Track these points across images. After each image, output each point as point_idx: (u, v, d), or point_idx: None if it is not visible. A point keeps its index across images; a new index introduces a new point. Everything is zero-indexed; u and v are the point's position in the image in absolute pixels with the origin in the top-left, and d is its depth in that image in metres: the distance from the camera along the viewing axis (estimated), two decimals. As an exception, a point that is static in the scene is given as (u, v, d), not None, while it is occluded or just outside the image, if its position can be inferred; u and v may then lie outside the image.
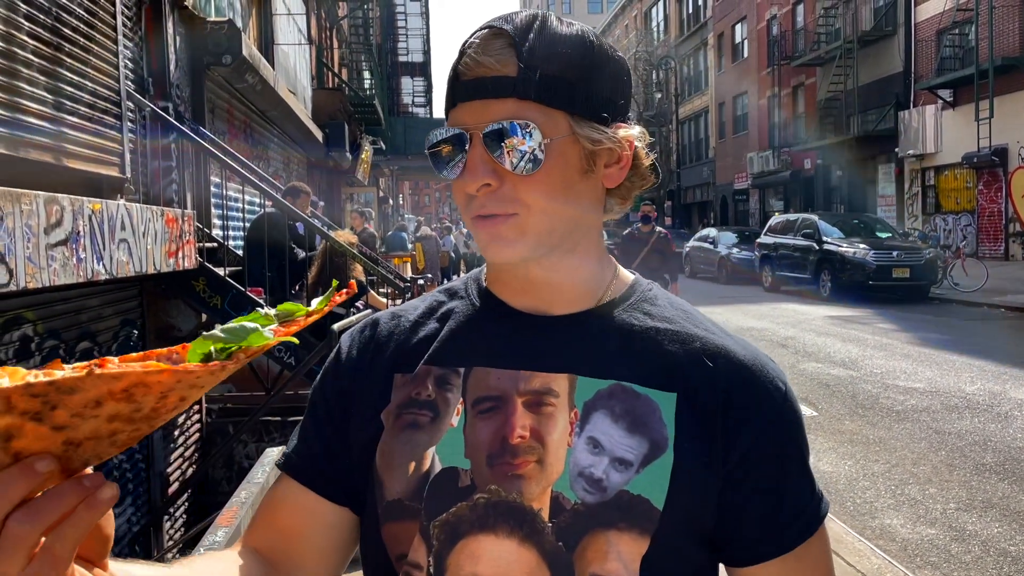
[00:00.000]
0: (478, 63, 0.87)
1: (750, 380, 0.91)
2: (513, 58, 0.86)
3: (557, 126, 0.87)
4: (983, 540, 4.83)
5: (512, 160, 0.86)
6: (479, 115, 0.87)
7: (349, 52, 22.76)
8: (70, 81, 4.77)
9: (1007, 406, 7.73)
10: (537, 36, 0.87)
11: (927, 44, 24.21)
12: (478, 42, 0.88)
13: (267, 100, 10.20)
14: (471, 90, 0.87)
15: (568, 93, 0.87)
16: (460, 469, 0.91)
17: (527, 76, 0.85)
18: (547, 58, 0.86)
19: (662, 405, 0.90)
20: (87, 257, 4.10)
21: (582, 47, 0.89)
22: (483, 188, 0.87)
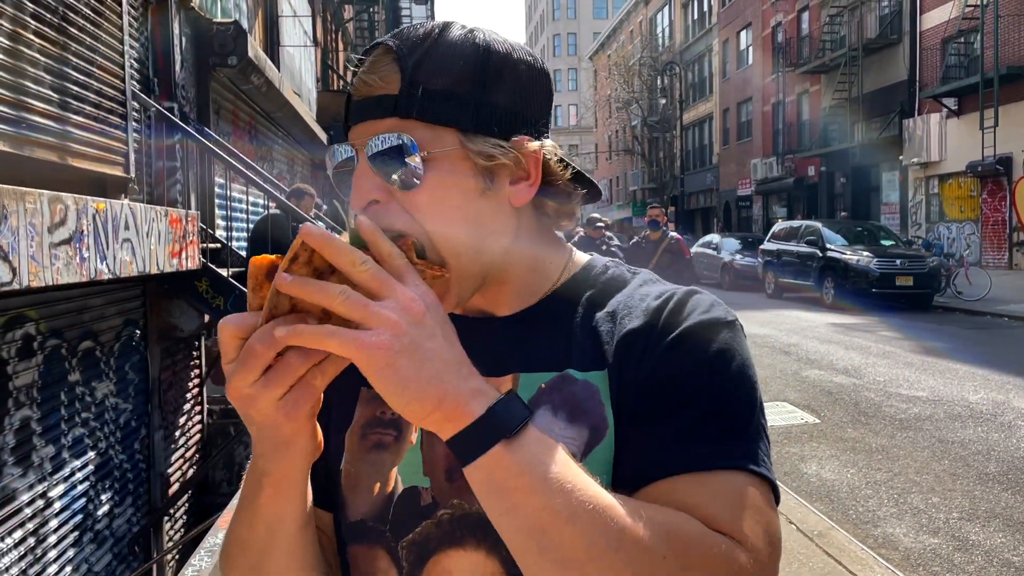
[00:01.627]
0: (364, 83, 0.84)
1: (666, 312, 0.85)
2: (396, 75, 0.83)
3: (442, 141, 0.82)
4: (986, 550, 4.80)
5: (395, 175, 0.81)
6: (363, 134, 0.84)
7: (354, 55, 22.78)
8: (75, 80, 4.78)
9: (1011, 415, 7.70)
10: (426, 50, 0.83)
11: (932, 52, 24.20)
12: (367, 61, 0.85)
13: (272, 101, 10.20)
14: (358, 111, 0.85)
15: (455, 108, 0.82)
16: (420, 488, 0.90)
17: (409, 93, 0.82)
18: (433, 72, 0.82)
19: (599, 385, 0.85)
20: (90, 256, 4.09)
21: (477, 58, 0.84)
22: (371, 205, 0.82)
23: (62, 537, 4.76)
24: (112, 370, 5.56)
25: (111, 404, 5.55)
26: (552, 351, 0.87)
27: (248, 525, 0.87)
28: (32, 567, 4.41)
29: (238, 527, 0.89)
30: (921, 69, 24.70)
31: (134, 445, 5.95)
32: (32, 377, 4.52)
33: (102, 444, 5.38)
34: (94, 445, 5.25)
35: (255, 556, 0.89)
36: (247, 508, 0.86)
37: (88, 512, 5.13)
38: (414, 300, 0.69)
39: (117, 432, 5.63)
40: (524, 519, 0.70)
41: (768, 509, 0.77)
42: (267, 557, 0.88)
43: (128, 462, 5.83)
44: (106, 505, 5.41)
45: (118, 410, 5.66)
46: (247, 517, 0.87)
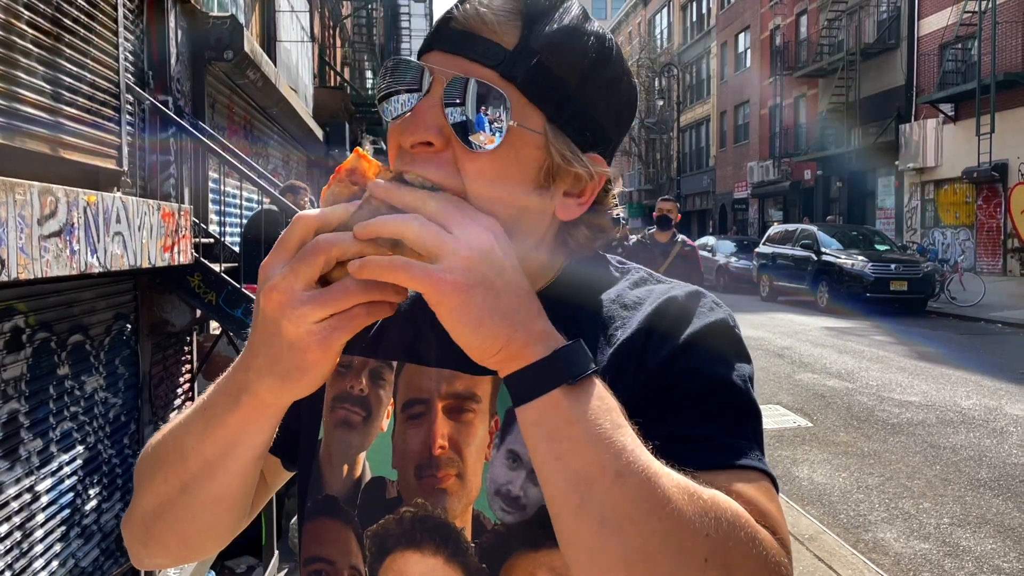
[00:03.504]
0: (478, 16, 0.76)
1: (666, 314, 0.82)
2: (517, 28, 0.76)
3: (530, 121, 0.76)
4: (977, 556, 4.80)
5: (467, 125, 0.73)
6: (450, 65, 0.76)
7: (352, 51, 22.75)
8: (69, 72, 4.74)
9: (1003, 422, 7.70)
10: (555, 19, 0.77)
11: (930, 58, 24.23)
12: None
13: (268, 97, 10.16)
14: (456, 41, 0.76)
15: (559, 96, 0.77)
16: (387, 480, 0.87)
17: (523, 56, 0.75)
18: (553, 47, 0.76)
19: None
20: (81, 249, 4.06)
21: (599, 55, 0.79)
22: (421, 146, 0.75)
23: (49, 532, 4.73)
24: (102, 364, 5.53)
25: (100, 398, 5.51)
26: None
27: (199, 436, 0.79)
28: (18, 561, 4.38)
29: (183, 435, 0.80)
30: (918, 74, 24.74)
31: (123, 440, 5.92)
32: (20, 370, 4.48)
33: (91, 439, 5.34)
34: (83, 439, 5.22)
35: (192, 471, 0.80)
36: (206, 419, 0.78)
37: (76, 507, 5.09)
38: (482, 231, 0.68)
39: (106, 427, 5.60)
40: (571, 469, 0.67)
41: (780, 505, 0.78)
42: (206, 478, 0.80)
43: (117, 457, 5.79)
44: (94, 500, 5.38)
45: (107, 405, 5.62)
46: (201, 427, 0.79)
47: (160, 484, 0.82)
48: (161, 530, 0.84)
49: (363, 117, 20.99)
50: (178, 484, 0.81)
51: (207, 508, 0.83)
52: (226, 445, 0.78)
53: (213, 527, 0.86)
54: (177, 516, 0.83)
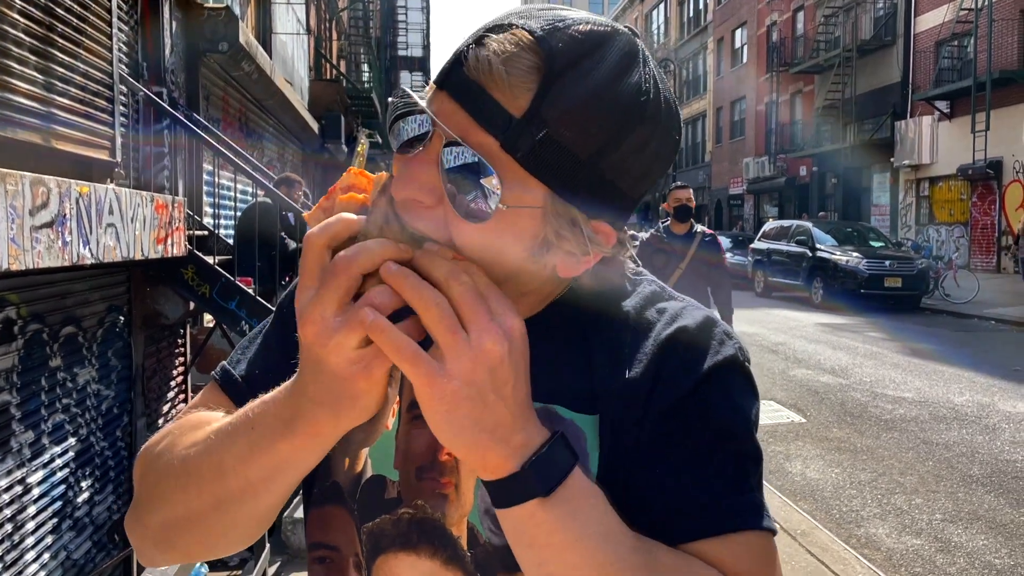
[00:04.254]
0: (489, 69, 0.68)
1: (677, 359, 0.79)
2: (530, 90, 0.68)
3: (527, 195, 0.70)
4: (968, 552, 4.81)
5: (455, 196, 0.69)
6: (454, 119, 0.70)
7: (348, 44, 22.68)
8: (62, 62, 4.71)
9: (995, 418, 7.72)
10: (579, 75, 0.68)
11: (926, 55, 24.25)
12: (507, 43, 0.69)
13: (263, 89, 10.13)
14: (463, 91, 0.70)
15: (566, 171, 0.70)
16: (388, 480, 0.86)
17: (529, 128, 0.68)
18: (568, 117, 0.68)
19: (587, 432, 0.79)
20: (73, 241, 4.04)
21: (627, 116, 0.71)
22: (413, 200, 0.71)
23: (40, 524, 4.71)
24: (94, 356, 5.51)
25: (93, 391, 5.49)
26: (541, 375, 0.76)
27: (243, 458, 0.74)
28: (9, 553, 4.36)
29: (223, 452, 0.76)
30: (914, 71, 24.77)
31: (116, 432, 5.90)
32: (12, 362, 4.47)
33: (83, 431, 5.33)
34: (75, 432, 5.20)
35: (231, 491, 0.76)
36: (252, 441, 0.74)
37: (67, 499, 5.08)
38: (498, 341, 0.65)
39: (99, 419, 5.58)
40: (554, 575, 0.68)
41: (778, 563, 0.79)
42: (248, 498, 0.76)
43: (109, 449, 5.78)
44: (86, 492, 5.36)
45: (100, 397, 5.61)
46: (246, 448, 0.74)
47: (192, 498, 0.79)
48: (186, 541, 0.82)
49: (359, 110, 20.95)
50: (213, 500, 0.77)
51: (241, 523, 0.80)
52: (273, 470, 0.75)
53: (242, 538, 0.84)
54: (208, 530, 0.80)
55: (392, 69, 34.89)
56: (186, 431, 0.83)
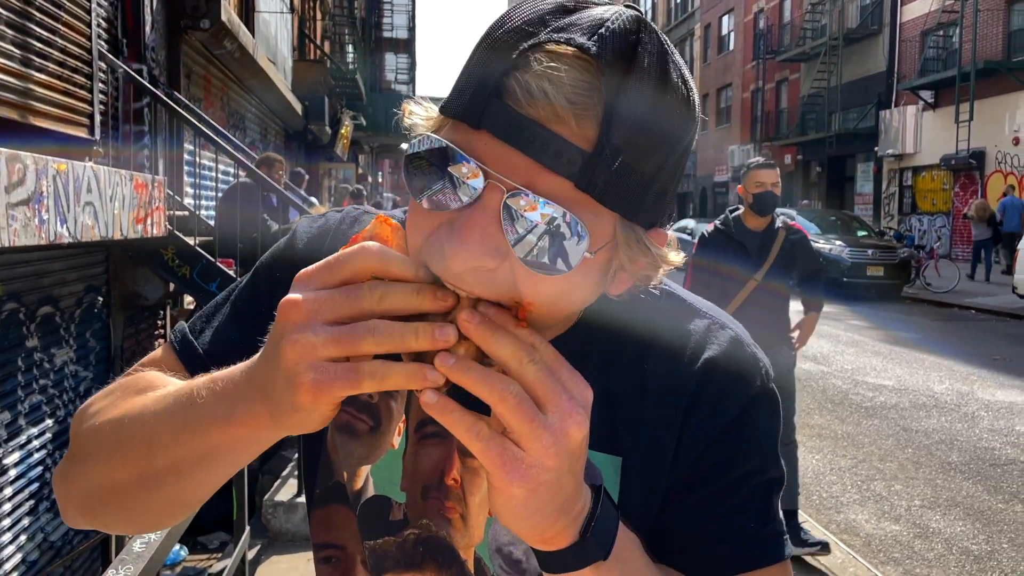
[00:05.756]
0: (548, 102, 0.59)
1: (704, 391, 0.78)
2: (596, 117, 0.60)
3: (603, 230, 0.64)
4: (946, 538, 4.85)
5: (531, 254, 0.61)
6: (509, 165, 0.60)
7: (332, 25, 22.46)
8: (39, 37, 4.62)
9: (974, 406, 7.79)
10: (634, 90, 0.61)
11: (911, 44, 24.33)
12: (559, 66, 0.60)
13: (245, 68, 10.01)
14: (516, 132, 0.60)
15: (638, 194, 0.64)
16: (394, 501, 0.83)
17: (604, 159, 0.60)
18: (637, 137, 0.61)
19: (605, 471, 0.77)
20: (50, 219, 3.97)
21: (682, 123, 0.65)
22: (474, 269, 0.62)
23: (17, 505, 4.66)
24: (72, 337, 5.44)
25: (71, 371, 5.43)
26: None
27: (174, 434, 0.68)
28: (-16, 535, 4.32)
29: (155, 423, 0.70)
30: (900, 61, 24.85)
31: (94, 414, 5.84)
32: (-13, 341, 4.40)
33: (60, 412, 5.27)
34: (52, 413, 5.14)
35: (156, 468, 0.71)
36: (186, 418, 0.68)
37: (45, 480, 5.02)
38: (581, 424, 0.60)
39: (76, 400, 5.52)
40: None
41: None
42: (171, 479, 0.71)
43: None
44: (63, 474, 5.31)
45: (78, 378, 5.54)
46: (179, 424, 0.68)
47: (117, 468, 0.73)
48: (105, 512, 0.77)
49: (342, 92, 20.78)
50: (136, 474, 0.72)
51: (163, 506, 0.75)
52: (203, 454, 0.68)
53: (165, 519, 0.79)
54: (127, 506, 0.75)
55: (377, 51, 34.63)
56: (130, 393, 0.78)
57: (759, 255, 4.47)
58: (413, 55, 39.86)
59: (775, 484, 0.81)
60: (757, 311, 4.31)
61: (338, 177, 25.31)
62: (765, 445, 0.80)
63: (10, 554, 4.51)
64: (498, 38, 0.63)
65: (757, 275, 4.43)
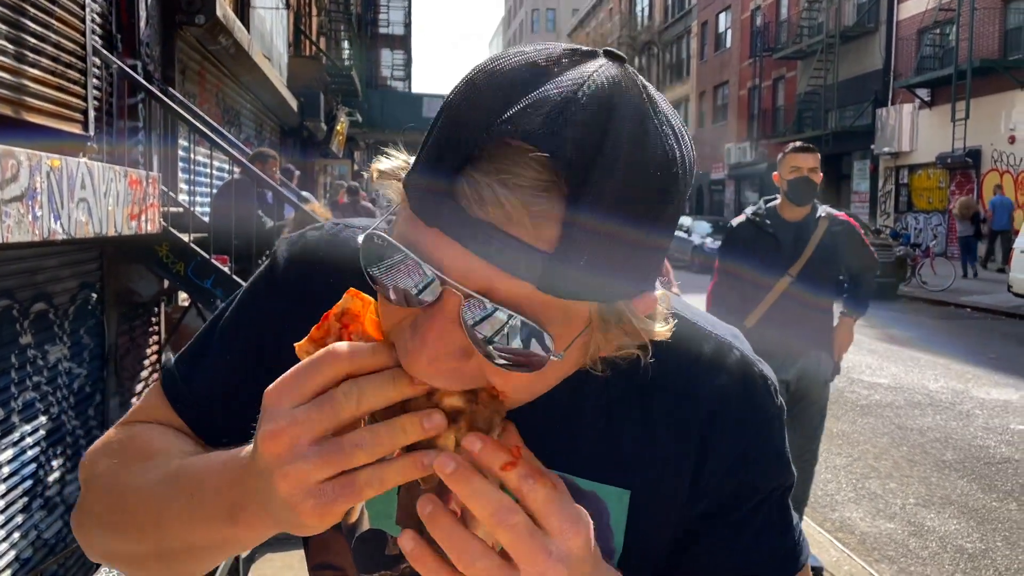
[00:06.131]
0: (500, 205, 0.55)
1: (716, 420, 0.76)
2: (555, 223, 0.55)
3: (575, 323, 0.61)
4: (941, 536, 4.85)
5: (495, 357, 0.59)
6: (466, 268, 0.57)
7: (328, 21, 22.42)
8: (33, 32, 4.60)
9: (969, 405, 7.80)
10: (604, 175, 0.55)
11: (908, 42, 24.34)
12: (510, 166, 0.55)
13: (240, 64, 9.97)
14: (468, 231, 0.56)
15: (612, 278, 0.59)
16: (389, 536, 0.81)
17: (568, 262, 0.56)
18: (605, 226, 0.56)
19: (611, 504, 0.75)
20: (43, 215, 3.95)
21: (658, 193, 0.59)
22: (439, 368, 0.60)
23: (10, 503, 4.64)
24: (66, 334, 5.42)
25: (64, 369, 5.41)
26: (551, 438, 0.69)
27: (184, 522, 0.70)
28: (-23, 533, 4.30)
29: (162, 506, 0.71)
30: (896, 59, 24.85)
31: (88, 411, 5.82)
32: (-20, 338, 4.38)
33: (54, 409, 5.25)
34: (46, 410, 5.12)
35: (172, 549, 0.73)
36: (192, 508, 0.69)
37: (38, 478, 5.01)
38: (583, 535, 0.61)
39: (70, 397, 5.50)
40: None
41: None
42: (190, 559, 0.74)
43: (81, 428, 5.70)
44: (57, 472, 5.29)
45: (72, 375, 5.52)
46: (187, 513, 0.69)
47: (132, 541, 0.75)
48: (129, 570, 0.80)
49: (338, 88, 20.74)
50: (154, 550, 0.74)
51: (185, 571, 0.77)
52: (215, 543, 0.70)
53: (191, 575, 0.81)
54: (150, 570, 0.78)
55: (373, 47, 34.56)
56: (131, 459, 0.78)
57: (794, 249, 4.02)
58: (409, 51, 39.81)
59: (788, 490, 0.81)
60: (790, 313, 3.97)
61: (333, 173, 25.27)
62: (783, 462, 0.80)
63: (3, 551, 4.50)
64: (453, 116, 0.59)
65: (792, 270, 3.98)
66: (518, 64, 0.59)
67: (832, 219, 4.12)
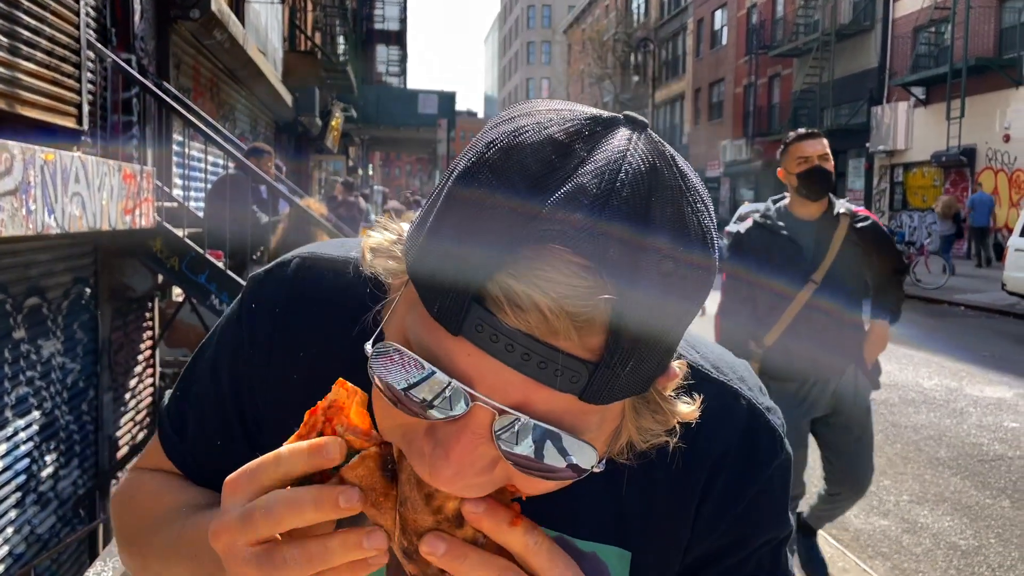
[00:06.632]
0: (536, 310, 0.50)
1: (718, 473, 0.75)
2: (600, 331, 0.51)
3: (608, 421, 0.58)
4: (934, 533, 4.87)
5: (530, 469, 0.55)
6: (500, 383, 0.52)
7: (323, 16, 22.35)
8: (27, 25, 4.58)
9: (963, 402, 7.82)
10: (647, 272, 0.51)
11: (903, 40, 24.37)
12: (552, 265, 0.50)
13: (235, 59, 9.94)
14: (506, 348, 0.51)
15: (651, 374, 0.56)
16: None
17: (613, 369, 0.52)
18: (650, 329, 0.52)
19: (611, 565, 0.74)
20: (37, 209, 3.94)
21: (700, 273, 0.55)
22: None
23: (3, 498, 4.63)
24: (60, 328, 5.40)
25: (58, 363, 5.39)
26: (549, 499, 0.63)
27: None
28: (-30, 528, 4.29)
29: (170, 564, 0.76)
30: (892, 57, 24.89)
31: (81, 406, 5.80)
32: (-27, 333, 4.36)
33: (48, 404, 5.23)
34: (39, 405, 5.10)
35: None
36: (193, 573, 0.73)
37: (32, 473, 5.00)
38: None
39: (64, 392, 5.48)
40: None
41: None
42: None
43: (75, 423, 5.68)
44: (51, 466, 5.28)
45: (65, 370, 5.50)
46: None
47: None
48: None
49: (333, 83, 20.69)
50: None
51: None
52: None
53: None
54: None
55: (368, 42, 34.49)
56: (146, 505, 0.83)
57: (816, 251, 3.48)
58: (404, 47, 39.70)
59: (785, 542, 0.79)
60: (816, 326, 3.45)
61: (328, 169, 25.23)
62: (778, 513, 0.78)
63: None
64: (479, 204, 0.52)
65: (816, 276, 3.43)
66: (539, 142, 0.53)
67: (853, 215, 3.57)
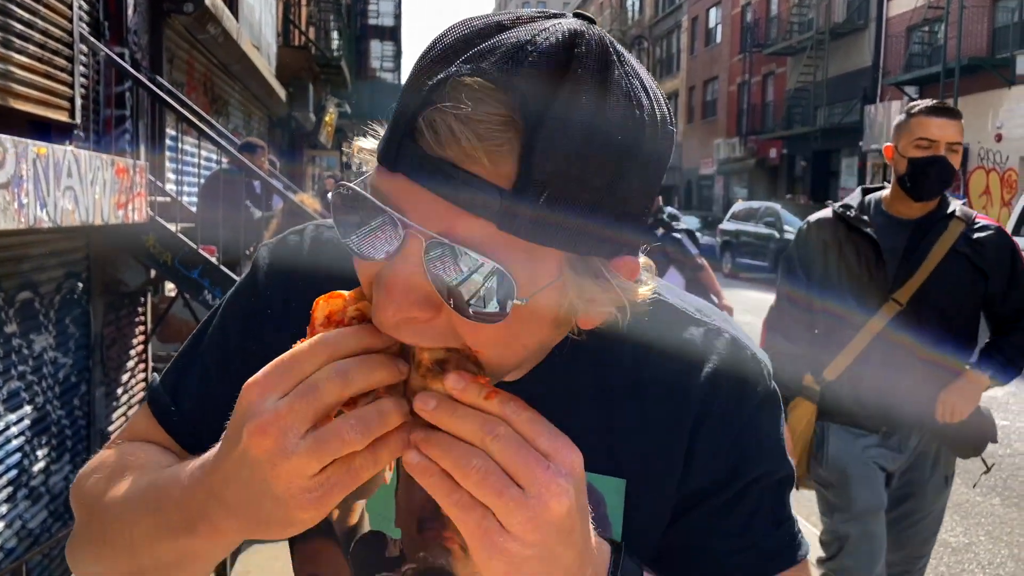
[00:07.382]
0: (456, 141, 0.55)
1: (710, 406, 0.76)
2: (512, 159, 0.55)
3: (542, 270, 0.59)
4: (924, 531, 4.89)
5: (460, 303, 0.57)
6: (427, 211, 0.57)
7: (318, 10, 22.29)
8: (19, 18, 4.55)
9: (954, 400, 7.86)
10: (561, 116, 0.55)
11: (897, 40, 24.44)
12: (465, 101, 0.55)
13: (229, 53, 9.91)
14: (427, 170, 0.56)
15: (577, 226, 0.58)
16: (389, 538, 0.80)
17: (524, 201, 0.55)
18: (565, 168, 0.56)
19: (607, 495, 0.75)
20: (29, 203, 3.92)
21: (630, 138, 0.58)
22: (407, 321, 0.59)
23: (-6, 493, 4.62)
24: (52, 323, 5.38)
25: (50, 358, 5.37)
26: None
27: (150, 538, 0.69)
28: (-39, 523, 4.27)
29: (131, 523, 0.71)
30: (885, 56, 24.96)
31: (73, 401, 5.79)
32: (-36, 327, 4.35)
33: (39, 399, 5.21)
34: (31, 400, 5.09)
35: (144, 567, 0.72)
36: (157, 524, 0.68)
37: (23, 468, 4.98)
38: (561, 495, 0.57)
39: (56, 387, 5.46)
40: None
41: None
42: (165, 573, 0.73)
43: (67, 418, 5.67)
44: (42, 461, 5.26)
45: (57, 364, 5.48)
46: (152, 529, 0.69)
47: (108, 562, 0.75)
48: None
49: (327, 79, 20.63)
50: (128, 571, 0.74)
51: None
52: (182, 557, 0.69)
53: None
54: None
55: (362, 38, 34.42)
56: (115, 475, 0.78)
57: (906, 261, 2.63)
58: (399, 43, 39.63)
59: (785, 483, 0.80)
60: (895, 361, 2.62)
61: (322, 165, 25.19)
62: (772, 447, 0.79)
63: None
64: (419, 68, 0.60)
65: (899, 295, 2.60)
66: (485, 22, 0.60)
67: (971, 220, 2.70)
